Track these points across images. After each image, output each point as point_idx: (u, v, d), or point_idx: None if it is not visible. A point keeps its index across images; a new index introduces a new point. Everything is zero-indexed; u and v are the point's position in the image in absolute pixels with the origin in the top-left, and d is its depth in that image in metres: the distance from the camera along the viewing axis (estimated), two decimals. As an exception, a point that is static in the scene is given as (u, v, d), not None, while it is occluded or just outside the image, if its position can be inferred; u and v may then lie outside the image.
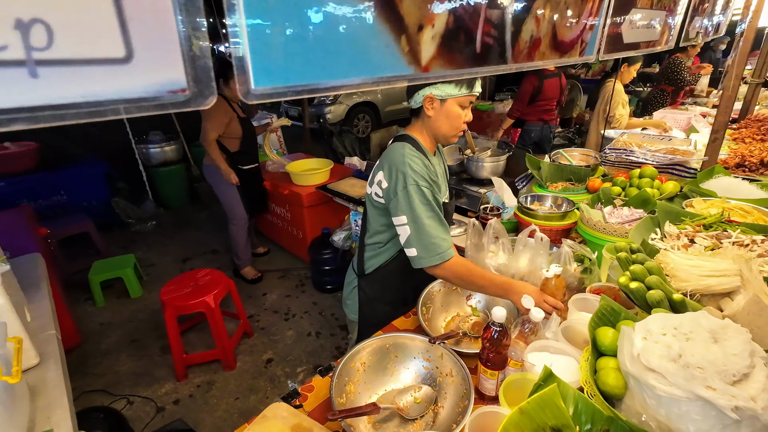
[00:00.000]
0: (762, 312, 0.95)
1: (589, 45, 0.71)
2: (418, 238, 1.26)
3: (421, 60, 0.50)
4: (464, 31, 0.52)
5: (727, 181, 1.91)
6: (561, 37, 0.64)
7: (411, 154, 1.30)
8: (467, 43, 0.53)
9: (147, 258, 3.90)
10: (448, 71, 0.53)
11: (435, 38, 0.50)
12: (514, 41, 0.58)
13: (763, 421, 0.66)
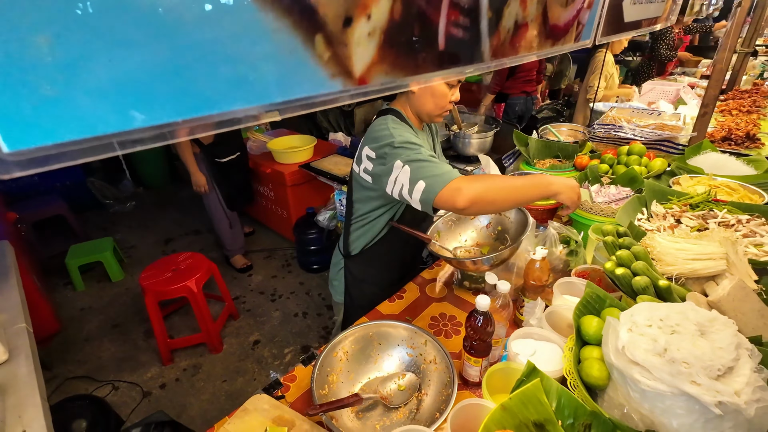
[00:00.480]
0: (746, 297, 0.94)
1: (586, 27, 0.61)
2: (421, 168, 1.08)
3: (352, 68, 0.35)
4: (420, 22, 0.37)
5: (714, 157, 1.89)
6: (554, 20, 0.51)
7: (394, 123, 1.24)
8: (425, 39, 0.38)
9: (127, 240, 3.79)
10: (396, 81, 0.38)
11: (374, 35, 0.34)
12: (493, 30, 0.44)
13: (746, 415, 0.65)
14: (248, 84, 0.29)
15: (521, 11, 0.44)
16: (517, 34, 0.45)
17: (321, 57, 0.32)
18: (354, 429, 1.03)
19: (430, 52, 0.38)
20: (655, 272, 1.03)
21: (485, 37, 0.41)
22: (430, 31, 0.37)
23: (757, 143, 2.51)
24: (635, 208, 1.45)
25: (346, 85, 0.34)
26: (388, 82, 0.36)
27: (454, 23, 0.38)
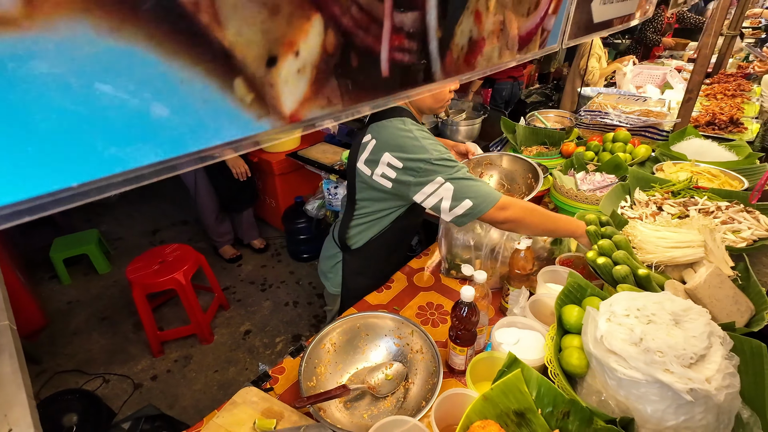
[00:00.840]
0: (722, 285, 0.96)
1: (552, 33, 0.59)
2: (466, 187, 1.15)
3: (281, 108, 0.33)
4: (358, 52, 0.35)
5: (697, 143, 1.91)
6: (515, 31, 0.49)
7: (416, 128, 1.22)
8: (366, 68, 0.37)
9: (113, 231, 3.73)
10: (334, 111, 0.36)
11: (304, 71, 0.33)
12: (444, 50, 0.42)
13: (716, 401, 0.67)
14: (156, 138, 0.27)
15: (476, 27, 0.42)
16: (473, 50, 0.43)
17: (243, 101, 0.30)
18: (342, 419, 1.05)
19: (373, 79, 0.36)
20: (636, 261, 1.05)
21: (435, 57, 0.39)
22: (371, 59, 0.35)
23: (740, 128, 2.55)
24: (619, 196, 1.47)
25: (275, 124, 0.32)
26: (327, 114, 0.35)
27: (399, 49, 0.36)
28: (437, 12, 0.37)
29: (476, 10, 0.41)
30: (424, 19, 0.37)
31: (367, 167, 1.30)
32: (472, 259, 1.48)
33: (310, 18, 0.32)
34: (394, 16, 0.34)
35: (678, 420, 0.70)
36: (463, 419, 0.73)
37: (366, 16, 0.33)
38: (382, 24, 0.35)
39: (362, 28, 0.33)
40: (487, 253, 1.42)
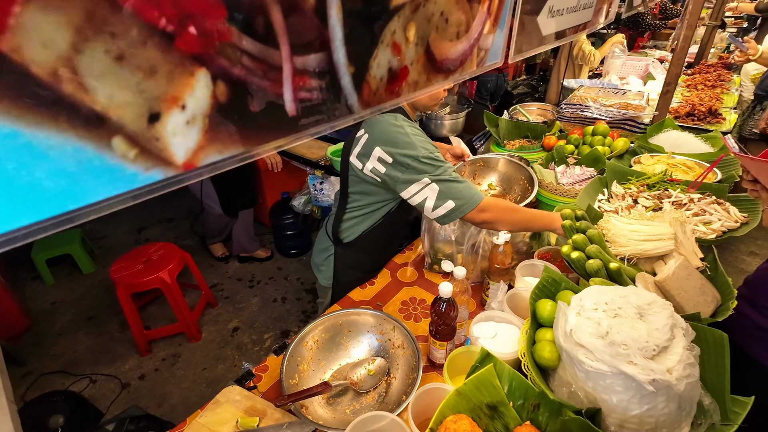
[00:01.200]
0: (690, 276, 0.99)
1: (491, 51, 0.60)
2: (450, 189, 1.20)
3: (172, 158, 0.33)
4: (256, 96, 0.36)
5: (675, 135, 1.95)
6: (443, 56, 0.49)
7: (407, 125, 1.25)
8: (268, 110, 0.37)
9: (97, 230, 3.68)
10: (237, 154, 0.36)
11: (195, 122, 0.33)
12: (360, 84, 0.43)
13: (676, 390, 0.70)
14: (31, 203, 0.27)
15: (395, 58, 0.42)
16: (395, 80, 0.43)
17: (125, 156, 0.30)
18: (325, 415, 1.07)
19: (278, 120, 0.37)
20: (608, 255, 1.07)
21: (351, 92, 0.40)
22: (273, 102, 0.36)
23: (719, 118, 2.60)
24: (596, 189, 1.49)
25: (168, 173, 0.33)
26: (228, 158, 0.35)
27: (304, 89, 0.37)
28: (345, 50, 0.38)
29: (393, 42, 0.42)
30: (330, 58, 0.37)
31: (359, 161, 1.33)
32: (454, 253, 1.50)
33: (193, 74, 0.32)
34: (294, 60, 0.35)
35: (642, 409, 0.73)
36: (437, 414, 0.75)
37: (260, 63, 0.33)
38: (281, 68, 0.35)
39: (258, 75, 0.34)
40: (469, 248, 1.44)
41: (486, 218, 1.21)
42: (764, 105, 3.04)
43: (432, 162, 1.20)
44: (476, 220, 1.22)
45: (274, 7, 0.33)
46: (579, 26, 0.87)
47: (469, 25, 0.50)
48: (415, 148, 1.19)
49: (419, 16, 0.45)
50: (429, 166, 1.19)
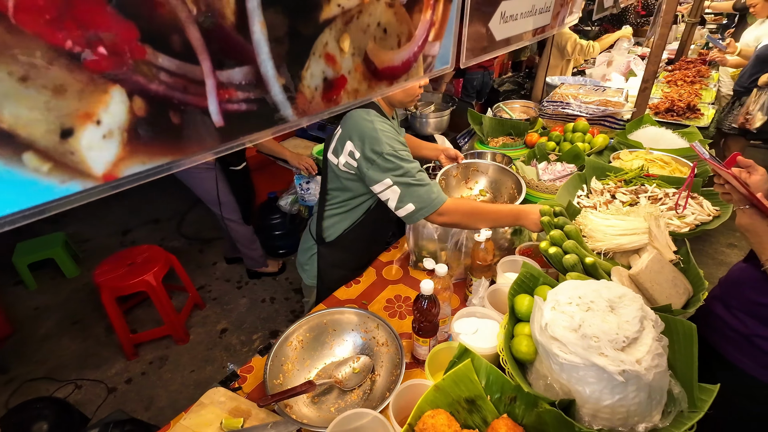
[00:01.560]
0: (662, 269, 1.02)
1: (439, 57, 0.61)
2: (409, 192, 1.22)
3: (90, 171, 0.34)
4: (178, 110, 0.36)
5: (653, 131, 1.99)
6: (385, 64, 0.49)
7: (378, 120, 1.26)
8: (192, 123, 0.38)
9: (80, 233, 3.62)
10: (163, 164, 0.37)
11: (112, 136, 0.34)
12: (293, 93, 0.43)
13: (646, 380, 0.73)
14: None
15: (330, 68, 0.43)
16: (331, 89, 0.44)
17: (38, 170, 0.31)
18: (309, 414, 1.07)
19: (204, 131, 0.38)
20: (585, 250, 1.10)
21: (283, 102, 0.41)
22: (197, 114, 0.36)
23: (697, 113, 2.66)
24: (576, 185, 1.52)
25: (87, 185, 0.33)
26: (153, 168, 0.36)
27: (231, 101, 0.38)
28: (274, 63, 0.38)
29: (326, 53, 0.42)
30: (257, 72, 0.38)
31: (334, 156, 1.35)
32: (437, 251, 1.52)
33: (106, 91, 0.33)
34: (217, 74, 0.36)
35: (613, 399, 0.75)
36: (415, 410, 0.76)
37: (180, 79, 0.34)
38: (204, 82, 0.36)
39: (179, 90, 0.34)
40: (452, 245, 1.46)
41: (446, 221, 1.25)
42: (742, 101, 3.12)
43: (395, 159, 1.21)
44: (436, 222, 1.26)
45: (190, 25, 0.34)
46: (537, 30, 0.88)
47: (411, 34, 0.51)
48: (380, 143, 1.20)
49: (353, 28, 0.46)
50: (391, 164, 1.21)
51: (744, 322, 1.07)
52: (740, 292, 1.09)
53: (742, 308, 1.09)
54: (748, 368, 1.07)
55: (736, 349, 1.10)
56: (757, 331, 1.04)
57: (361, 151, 1.24)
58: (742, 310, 1.08)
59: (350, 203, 1.44)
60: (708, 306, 1.19)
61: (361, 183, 1.34)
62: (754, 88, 2.97)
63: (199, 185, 2.50)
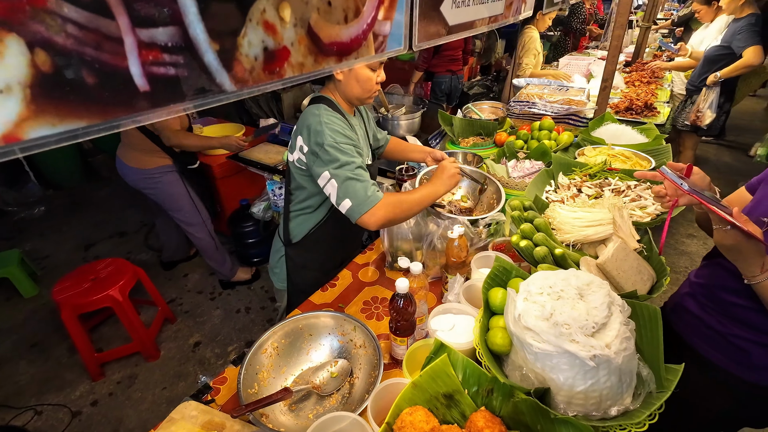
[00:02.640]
0: (627, 257, 1.06)
1: (391, 38, 0.61)
2: (345, 186, 1.21)
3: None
4: (92, 68, 0.34)
5: (614, 127, 2.08)
6: (331, 39, 0.49)
7: (327, 113, 1.26)
8: (110, 84, 0.35)
9: (39, 249, 3.41)
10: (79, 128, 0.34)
11: (12, 91, 0.31)
12: (229, 61, 0.41)
13: (615, 364, 0.75)
14: None
15: (270, 37, 0.42)
16: (273, 60, 0.43)
17: None
18: (287, 422, 1.04)
19: (126, 95, 0.36)
20: (554, 242, 1.12)
21: (218, 69, 0.39)
22: (116, 75, 0.34)
23: (654, 111, 2.80)
24: (544, 181, 1.56)
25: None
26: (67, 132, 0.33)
27: (156, 63, 0.36)
28: (204, 26, 0.37)
29: (264, 21, 0.41)
30: (185, 33, 0.36)
31: (290, 153, 1.36)
32: (413, 251, 1.52)
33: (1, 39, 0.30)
34: (138, 32, 0.34)
35: (586, 385, 0.77)
36: (393, 408, 0.75)
37: (92, 33, 0.32)
38: (122, 40, 0.34)
39: (90, 46, 0.32)
40: (427, 244, 1.46)
41: (377, 221, 1.21)
42: (694, 99, 3.31)
43: (333, 151, 1.20)
44: (368, 224, 1.22)
45: None
46: (490, 18, 0.90)
47: (359, 10, 0.50)
48: (322, 135, 1.20)
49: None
50: (329, 156, 1.20)
51: (720, 321, 1.07)
52: (712, 293, 1.09)
53: (716, 308, 1.09)
54: (722, 363, 1.08)
55: (710, 345, 1.10)
56: (732, 330, 1.04)
57: (308, 144, 1.25)
58: (717, 310, 1.08)
59: (311, 202, 1.44)
60: (681, 302, 1.20)
61: (313, 179, 1.32)
62: (704, 87, 3.16)
63: (163, 191, 2.44)
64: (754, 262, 0.85)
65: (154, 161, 2.35)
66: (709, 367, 1.10)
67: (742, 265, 0.88)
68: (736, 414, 1.14)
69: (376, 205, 1.21)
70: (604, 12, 6.90)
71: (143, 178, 2.39)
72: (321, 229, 1.48)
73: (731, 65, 2.93)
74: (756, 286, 0.88)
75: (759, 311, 0.95)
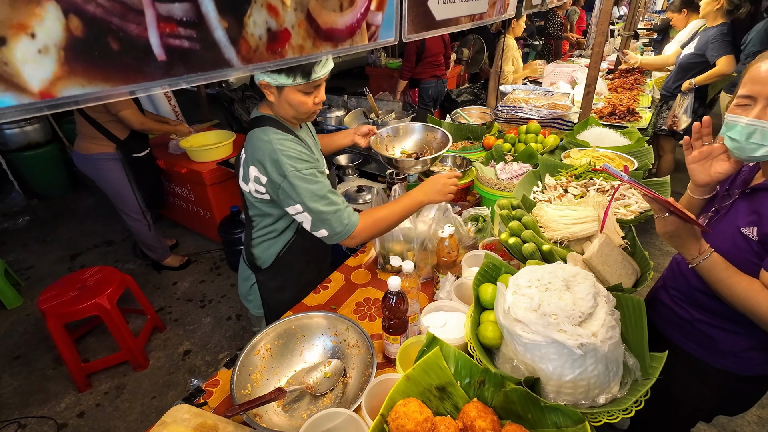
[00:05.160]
0: (611, 252, 1.09)
1: (383, 28, 0.65)
2: (320, 219, 1.20)
3: (26, 85, 0.34)
4: (117, 37, 0.38)
5: (598, 131, 2.14)
6: (327, 25, 0.52)
7: (277, 138, 1.17)
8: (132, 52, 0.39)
9: (23, 260, 3.34)
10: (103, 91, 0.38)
11: (48, 52, 0.35)
12: (236, 38, 0.45)
13: (602, 352, 0.77)
14: None
15: (273, 19, 0.46)
16: (275, 41, 0.47)
17: None
18: (281, 423, 1.04)
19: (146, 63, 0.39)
20: (542, 238, 1.15)
21: (226, 45, 0.43)
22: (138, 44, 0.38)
23: (636, 116, 2.89)
24: (531, 182, 1.60)
25: (22, 99, 0.34)
26: (93, 93, 0.37)
27: (172, 35, 0.39)
28: (215, 4, 0.40)
29: (268, 3, 0.44)
30: (198, 9, 0.39)
31: (244, 183, 1.27)
32: (404, 252, 1.54)
33: (40, 3, 0.33)
34: (157, 6, 0.37)
35: (574, 374, 0.79)
36: (387, 400, 0.76)
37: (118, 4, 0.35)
38: (143, 12, 0.36)
39: (117, 16, 0.35)
40: (418, 245, 1.48)
41: (359, 242, 1.26)
42: (670, 104, 3.42)
43: (299, 182, 1.15)
44: (352, 245, 1.26)
45: None
46: (474, 16, 0.94)
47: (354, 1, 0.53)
48: (281, 166, 1.15)
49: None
50: (296, 188, 1.16)
51: (686, 309, 1.15)
52: (685, 280, 1.15)
53: (682, 298, 1.16)
54: (694, 351, 1.14)
55: (682, 334, 1.17)
56: (698, 317, 1.12)
57: (266, 175, 1.18)
58: (683, 300, 1.16)
59: (275, 227, 1.37)
60: (656, 295, 1.28)
61: (278, 206, 1.28)
62: (678, 93, 3.27)
63: (102, 177, 2.63)
64: (692, 245, 0.92)
65: (96, 147, 2.52)
66: (684, 356, 1.16)
67: (682, 250, 0.95)
68: (711, 403, 1.18)
69: (354, 231, 1.22)
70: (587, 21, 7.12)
71: (85, 162, 2.59)
72: (290, 250, 1.41)
73: (705, 73, 3.05)
74: (698, 268, 0.95)
75: (715, 297, 1.01)
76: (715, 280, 0.94)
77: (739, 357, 1.06)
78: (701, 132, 1.03)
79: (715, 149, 1.01)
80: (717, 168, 1.01)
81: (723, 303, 0.99)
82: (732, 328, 1.05)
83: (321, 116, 2.81)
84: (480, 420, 0.74)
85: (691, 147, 1.06)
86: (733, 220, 1.00)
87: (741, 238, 0.96)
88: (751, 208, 0.97)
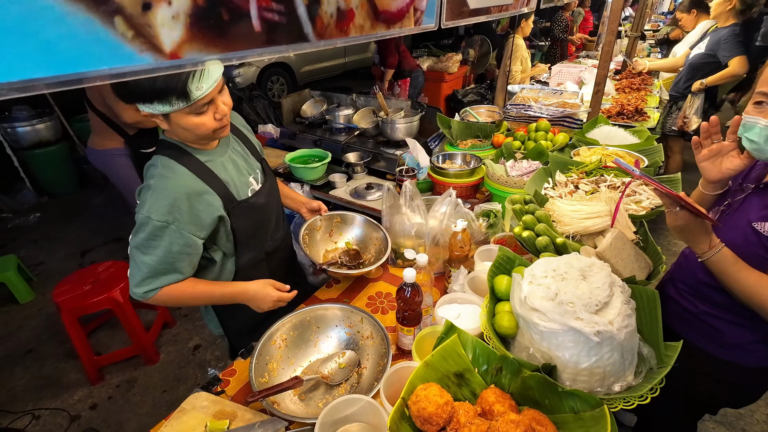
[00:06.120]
0: (624, 246, 1.10)
1: (426, 13, 0.69)
2: (132, 264, 1.11)
3: (161, 46, 0.40)
4: (227, 8, 0.44)
5: (607, 129, 2.15)
6: (383, 7, 0.57)
7: (163, 173, 1.06)
8: (237, 22, 0.45)
9: (34, 256, 3.39)
10: (214, 55, 0.44)
11: (179, 18, 0.40)
12: (314, 16, 0.50)
13: (618, 340, 0.78)
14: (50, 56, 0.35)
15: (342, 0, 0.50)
16: (343, 19, 0.51)
17: (125, 35, 0.38)
18: (297, 410, 1.06)
19: (246, 33, 0.45)
20: (555, 232, 1.17)
21: (306, 21, 0.48)
22: (241, 15, 0.44)
23: (644, 116, 2.90)
24: (542, 179, 1.61)
25: (157, 58, 0.40)
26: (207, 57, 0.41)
27: (266, 9, 0.44)
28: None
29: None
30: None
31: None
32: (416, 247, 1.55)
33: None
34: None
35: (590, 361, 0.80)
36: (407, 385, 0.78)
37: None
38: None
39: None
40: (430, 240, 1.50)
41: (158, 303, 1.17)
42: (679, 105, 3.42)
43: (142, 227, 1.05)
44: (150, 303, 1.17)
45: None
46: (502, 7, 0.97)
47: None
48: (143, 203, 1.06)
49: (361, -32, 0.54)
50: (138, 230, 1.06)
51: (693, 302, 1.16)
52: (692, 274, 1.16)
53: (689, 291, 1.18)
54: (701, 344, 1.15)
55: (689, 327, 1.18)
56: (704, 310, 1.13)
57: (138, 199, 1.10)
58: (689, 293, 1.17)
59: (211, 263, 1.27)
60: (663, 289, 1.29)
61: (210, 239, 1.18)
62: (689, 94, 3.27)
63: (115, 172, 2.65)
64: (702, 239, 0.93)
65: (107, 143, 2.55)
66: (691, 349, 1.16)
67: (693, 244, 0.96)
68: (717, 395, 1.19)
69: (150, 299, 1.13)
70: (593, 22, 7.13)
71: (99, 157, 2.62)
72: (225, 270, 1.30)
73: (717, 74, 3.03)
74: (707, 263, 0.96)
75: (722, 290, 1.02)
76: (724, 275, 0.95)
77: (745, 349, 1.07)
78: (710, 131, 1.05)
79: (724, 146, 1.02)
80: (728, 164, 1.02)
81: (729, 296, 1.00)
82: (738, 320, 1.06)
83: (330, 114, 2.83)
84: (498, 405, 0.75)
85: (700, 146, 1.07)
86: (746, 214, 1.01)
87: (752, 233, 0.97)
88: (763, 204, 0.98)
